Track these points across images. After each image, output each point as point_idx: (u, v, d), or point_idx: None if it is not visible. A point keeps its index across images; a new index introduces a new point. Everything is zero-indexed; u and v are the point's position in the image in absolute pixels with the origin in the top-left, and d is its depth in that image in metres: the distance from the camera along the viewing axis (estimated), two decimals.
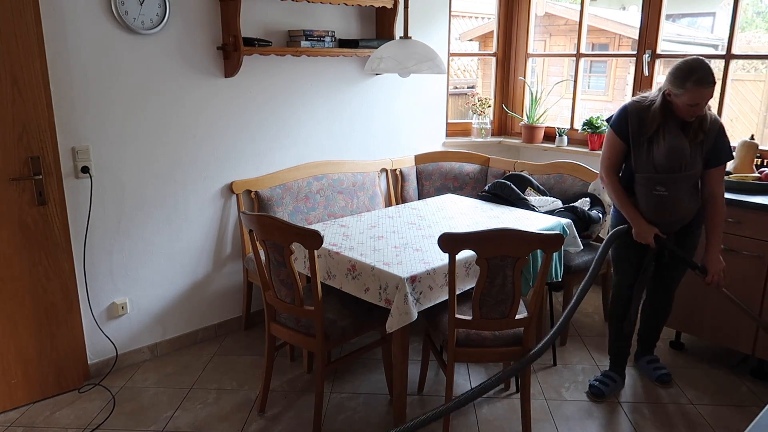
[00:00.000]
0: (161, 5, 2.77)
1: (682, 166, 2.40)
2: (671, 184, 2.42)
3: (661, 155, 2.40)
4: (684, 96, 2.29)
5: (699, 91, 2.26)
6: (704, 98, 2.29)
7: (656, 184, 2.44)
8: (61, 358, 2.74)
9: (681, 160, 2.40)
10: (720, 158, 2.45)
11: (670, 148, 2.39)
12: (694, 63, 2.29)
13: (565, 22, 8.91)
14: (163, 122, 2.93)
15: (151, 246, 3.01)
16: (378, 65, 2.80)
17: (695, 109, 2.33)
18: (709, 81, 2.26)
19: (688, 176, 2.43)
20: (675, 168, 2.40)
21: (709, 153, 2.43)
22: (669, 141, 2.39)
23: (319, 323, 2.33)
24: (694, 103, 2.29)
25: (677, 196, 2.44)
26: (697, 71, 2.26)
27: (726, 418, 2.61)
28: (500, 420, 2.59)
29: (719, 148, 2.43)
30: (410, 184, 3.97)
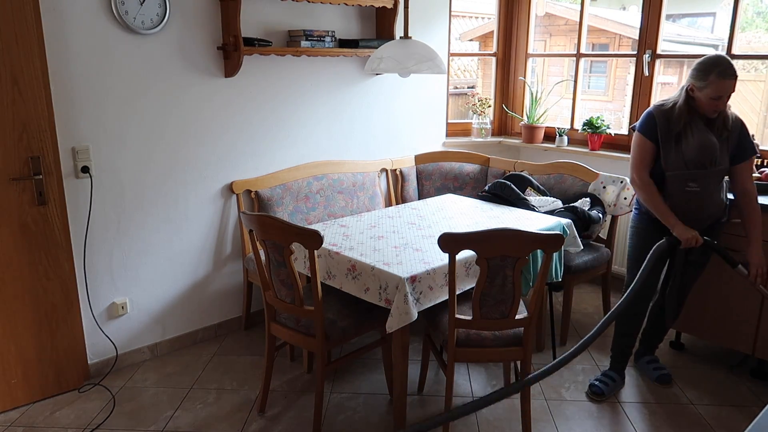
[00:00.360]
0: (161, 5, 2.77)
1: (713, 161, 2.44)
2: (703, 180, 2.46)
3: (691, 151, 2.43)
4: (707, 89, 2.36)
5: (722, 83, 2.33)
6: (727, 91, 2.35)
7: (688, 181, 2.47)
8: (61, 358, 2.74)
9: (712, 154, 2.44)
10: (746, 153, 2.50)
11: (700, 144, 2.43)
12: (716, 57, 2.37)
13: (566, 22, 8.91)
14: (163, 122, 2.93)
15: (151, 246, 3.01)
16: (378, 65, 2.80)
17: (718, 103, 2.38)
18: (731, 73, 2.33)
19: (719, 171, 2.48)
20: (706, 163, 2.44)
21: (734, 149, 2.49)
22: (698, 136, 2.44)
23: (319, 323, 2.33)
24: (717, 95, 2.35)
25: (709, 191, 2.49)
26: (719, 64, 2.34)
27: (726, 418, 2.61)
28: (500, 420, 2.59)
29: (743, 144, 2.49)
30: (410, 184, 3.97)
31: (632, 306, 2.73)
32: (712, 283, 2.93)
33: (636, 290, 2.27)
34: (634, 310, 2.75)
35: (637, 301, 2.73)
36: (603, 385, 2.76)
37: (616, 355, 2.84)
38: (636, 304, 2.73)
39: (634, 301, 2.71)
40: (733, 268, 2.50)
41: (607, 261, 3.40)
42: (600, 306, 3.72)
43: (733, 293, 2.86)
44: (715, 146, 2.44)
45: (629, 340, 2.80)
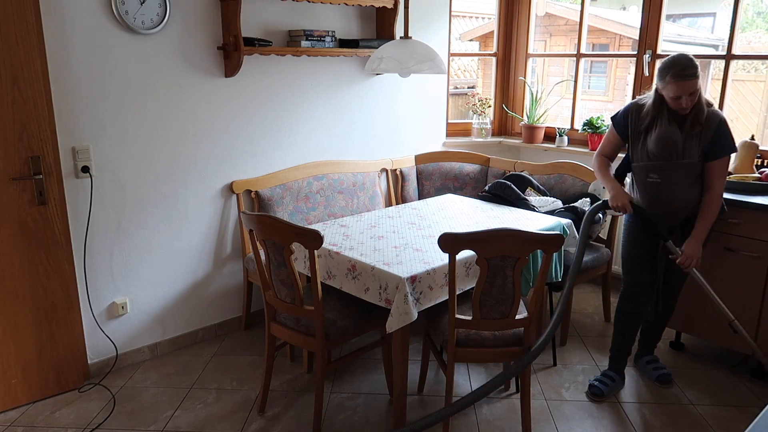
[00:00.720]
0: (161, 5, 2.77)
1: (674, 154, 2.48)
2: (664, 172, 2.52)
3: (652, 143, 2.51)
4: (665, 89, 2.42)
5: (677, 84, 2.36)
6: (684, 91, 2.37)
7: (649, 172, 2.56)
8: (61, 357, 2.74)
9: (671, 148, 2.48)
10: (718, 151, 2.48)
11: (659, 136, 2.49)
12: (675, 58, 2.40)
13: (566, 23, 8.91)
14: (163, 122, 2.93)
15: (151, 246, 3.01)
16: (378, 65, 2.80)
17: (681, 102, 2.40)
18: (686, 74, 2.34)
19: (683, 165, 2.49)
20: (666, 156, 2.49)
21: (707, 146, 2.48)
22: (661, 130, 2.49)
23: (319, 323, 2.33)
24: (676, 95, 2.39)
25: (671, 184, 2.53)
26: (676, 65, 2.36)
27: (726, 418, 2.61)
28: (500, 420, 2.59)
29: (718, 142, 2.47)
30: (410, 184, 3.97)
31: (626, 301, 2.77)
32: (712, 284, 2.93)
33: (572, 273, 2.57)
34: (630, 309, 2.76)
35: (631, 299, 2.75)
36: (602, 385, 2.76)
37: (615, 355, 2.85)
38: (630, 303, 2.75)
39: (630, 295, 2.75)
40: (663, 242, 2.60)
41: (607, 261, 3.40)
42: (600, 306, 3.72)
43: (734, 293, 2.86)
44: (676, 140, 2.47)
45: (627, 340, 2.80)
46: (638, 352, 3.03)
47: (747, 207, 2.76)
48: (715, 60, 3.41)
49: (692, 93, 2.38)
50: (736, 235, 2.82)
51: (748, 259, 2.79)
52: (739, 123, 6.37)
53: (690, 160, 2.49)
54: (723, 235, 2.85)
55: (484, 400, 2.74)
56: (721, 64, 3.47)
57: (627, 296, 2.78)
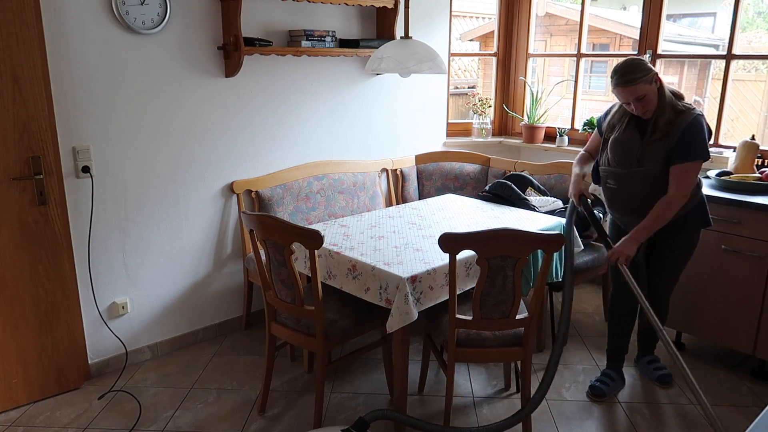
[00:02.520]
0: (162, 5, 2.77)
1: (629, 162, 2.43)
2: (620, 179, 2.48)
3: (609, 148, 2.50)
4: (615, 96, 2.40)
5: (620, 90, 2.33)
6: (627, 97, 2.33)
7: (607, 178, 2.55)
8: (61, 357, 2.75)
9: (626, 154, 2.43)
10: (678, 156, 2.34)
11: (614, 141, 2.48)
12: (619, 64, 2.35)
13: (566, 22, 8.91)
14: (163, 122, 2.93)
15: (151, 246, 3.02)
16: (379, 65, 2.80)
17: (633, 108, 2.37)
18: (624, 81, 2.29)
19: (640, 173, 2.42)
20: (622, 163, 2.45)
21: (671, 149, 2.36)
22: (619, 135, 2.47)
23: (320, 323, 2.33)
24: (622, 101, 2.39)
25: (627, 192, 2.49)
26: (615, 72, 2.33)
27: (726, 418, 2.60)
28: (500, 420, 2.59)
29: (679, 148, 2.34)
30: (411, 184, 3.97)
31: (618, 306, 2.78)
32: (712, 283, 2.93)
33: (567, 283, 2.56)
34: (620, 309, 2.78)
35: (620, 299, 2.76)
36: (603, 385, 2.76)
37: (611, 354, 2.86)
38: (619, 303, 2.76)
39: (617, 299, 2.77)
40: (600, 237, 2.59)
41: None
42: (600, 306, 3.72)
43: (734, 293, 2.86)
44: (632, 146, 2.41)
45: (621, 339, 2.82)
46: (638, 354, 3.03)
47: (747, 207, 2.76)
48: (716, 60, 3.40)
49: (639, 98, 2.31)
50: (736, 235, 2.81)
51: (749, 259, 2.79)
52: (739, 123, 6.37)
53: (649, 167, 2.39)
54: (723, 235, 2.85)
55: (483, 400, 2.74)
56: (722, 64, 3.47)
57: (616, 296, 2.79)
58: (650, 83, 2.31)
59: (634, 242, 2.44)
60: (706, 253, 2.91)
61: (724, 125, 3.54)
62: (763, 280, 2.76)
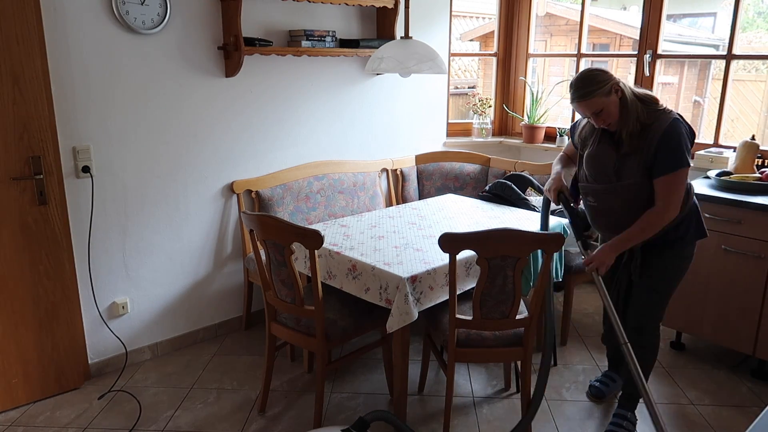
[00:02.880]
0: (162, 5, 2.77)
1: (607, 176, 2.27)
2: (600, 195, 2.33)
3: (585, 164, 2.37)
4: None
5: (575, 105, 2.23)
6: (585, 110, 2.21)
7: (587, 194, 2.40)
8: (61, 357, 2.75)
9: (602, 169, 2.28)
10: (658, 170, 2.17)
11: (589, 156, 2.34)
12: (575, 77, 2.23)
13: (566, 22, 8.90)
14: (164, 122, 2.93)
15: (151, 246, 3.02)
16: (379, 65, 2.80)
17: (594, 121, 2.23)
18: (580, 96, 2.17)
19: (620, 187, 2.24)
20: (599, 178, 2.30)
21: (649, 160, 2.18)
22: (593, 149, 2.33)
23: (320, 323, 2.33)
24: (582, 116, 2.29)
25: (608, 208, 2.32)
26: (572, 86, 2.21)
27: (726, 418, 2.61)
28: (500, 420, 2.59)
29: (660, 155, 2.15)
30: (411, 184, 3.97)
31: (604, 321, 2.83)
32: (712, 283, 2.93)
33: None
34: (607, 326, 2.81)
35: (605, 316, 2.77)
36: (603, 386, 2.76)
37: (611, 356, 2.84)
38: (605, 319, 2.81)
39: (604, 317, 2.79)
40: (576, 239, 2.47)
41: None
42: (600, 306, 3.72)
43: (734, 293, 2.86)
44: (607, 160, 2.25)
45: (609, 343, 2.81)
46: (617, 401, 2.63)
47: (747, 207, 2.76)
48: (716, 60, 3.40)
49: (596, 112, 2.18)
50: (736, 235, 2.81)
51: (749, 258, 2.79)
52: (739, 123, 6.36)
53: (628, 181, 2.22)
54: (723, 235, 2.85)
55: (483, 400, 2.74)
56: (722, 64, 3.46)
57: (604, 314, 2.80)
58: (608, 95, 2.15)
59: (613, 251, 2.28)
60: (706, 253, 2.91)
61: (724, 125, 3.54)
62: (763, 280, 2.76)
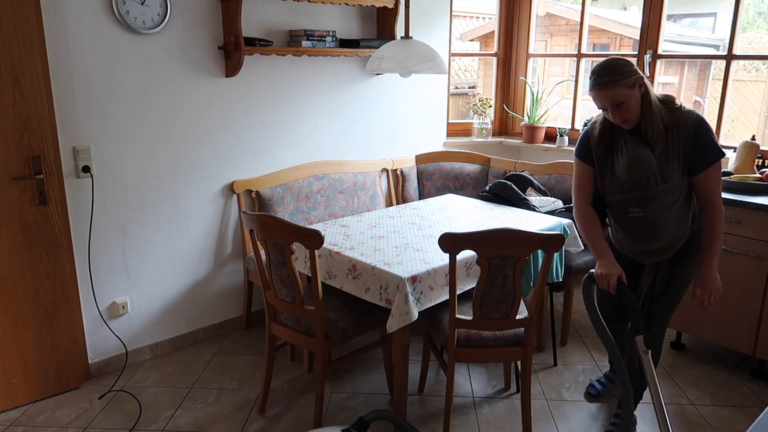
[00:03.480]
0: (162, 5, 2.77)
1: (651, 179, 2.08)
2: (646, 203, 2.11)
3: (622, 170, 2.12)
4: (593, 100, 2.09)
5: (596, 94, 2.03)
6: (604, 102, 2.03)
7: (629, 206, 2.14)
8: (61, 357, 2.75)
9: (646, 172, 2.08)
10: (705, 160, 2.05)
11: (629, 161, 2.10)
12: (598, 64, 2.05)
13: (566, 23, 8.91)
14: (164, 122, 2.93)
15: (151, 245, 3.02)
16: (379, 65, 2.80)
17: (611, 115, 2.06)
18: (601, 83, 2.00)
19: (665, 190, 2.08)
20: (643, 183, 2.09)
21: (689, 158, 2.06)
22: (627, 153, 2.11)
23: (320, 323, 2.33)
24: (600, 107, 2.08)
25: (658, 215, 2.12)
26: (593, 74, 2.03)
27: (726, 418, 2.60)
28: (500, 420, 2.59)
29: (701, 150, 2.04)
30: (411, 184, 3.97)
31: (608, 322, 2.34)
32: None
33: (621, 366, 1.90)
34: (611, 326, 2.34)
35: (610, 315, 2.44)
36: (600, 386, 2.76)
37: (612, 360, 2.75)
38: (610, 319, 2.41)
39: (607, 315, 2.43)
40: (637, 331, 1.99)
41: None
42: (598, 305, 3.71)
43: (734, 293, 2.86)
44: (649, 162, 2.06)
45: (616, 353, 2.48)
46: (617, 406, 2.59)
47: (747, 207, 2.76)
48: (716, 60, 3.40)
49: (617, 104, 2.01)
50: (736, 235, 2.81)
51: (749, 259, 2.79)
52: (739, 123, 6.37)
53: (672, 181, 2.07)
54: (723, 235, 2.84)
55: (484, 400, 2.74)
56: (722, 65, 3.47)
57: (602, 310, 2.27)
58: (632, 87, 2.00)
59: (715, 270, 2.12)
60: None
61: (725, 125, 3.54)
62: (763, 280, 2.76)
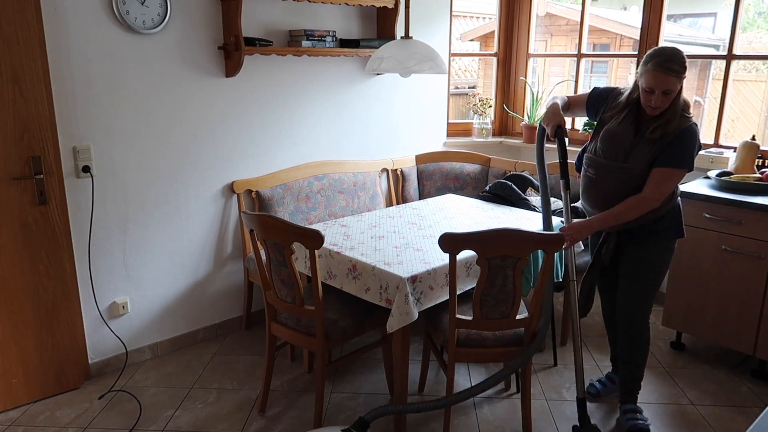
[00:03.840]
0: (162, 5, 2.78)
1: (615, 155, 2.30)
2: (602, 171, 2.35)
3: (602, 137, 2.36)
4: (642, 77, 2.19)
5: (655, 74, 2.13)
6: (660, 85, 2.13)
7: (589, 166, 2.42)
8: (61, 357, 2.75)
9: (615, 148, 2.30)
10: (662, 160, 2.23)
11: (607, 131, 2.34)
12: (665, 48, 2.18)
13: (566, 23, 8.91)
14: (164, 122, 2.93)
15: (152, 245, 3.02)
16: (379, 65, 2.80)
17: (651, 98, 2.18)
18: (669, 68, 2.10)
19: (622, 169, 2.29)
20: (608, 155, 2.32)
21: (658, 154, 2.24)
22: (614, 125, 2.32)
23: (320, 323, 2.33)
24: (650, 88, 2.16)
25: (606, 185, 2.36)
26: (661, 55, 2.13)
27: (726, 418, 2.60)
28: (500, 420, 2.59)
29: (668, 151, 2.22)
30: (411, 184, 3.97)
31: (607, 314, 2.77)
32: (712, 283, 2.93)
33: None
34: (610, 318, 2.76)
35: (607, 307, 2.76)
36: (600, 386, 2.76)
37: (614, 361, 2.81)
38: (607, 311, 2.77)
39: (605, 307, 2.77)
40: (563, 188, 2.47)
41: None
42: (599, 305, 3.71)
43: (734, 293, 2.86)
44: (623, 140, 2.28)
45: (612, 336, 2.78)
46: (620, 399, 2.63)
47: (747, 207, 2.76)
48: (716, 60, 3.40)
49: (667, 92, 2.15)
50: (736, 235, 2.81)
51: (749, 259, 2.79)
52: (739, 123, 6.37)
53: (632, 166, 2.27)
54: (723, 235, 2.85)
55: (484, 400, 2.74)
56: (722, 65, 3.46)
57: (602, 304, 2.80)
58: (681, 82, 2.17)
59: (587, 229, 2.38)
60: (706, 253, 2.91)
61: (725, 125, 3.54)
62: (763, 280, 2.76)
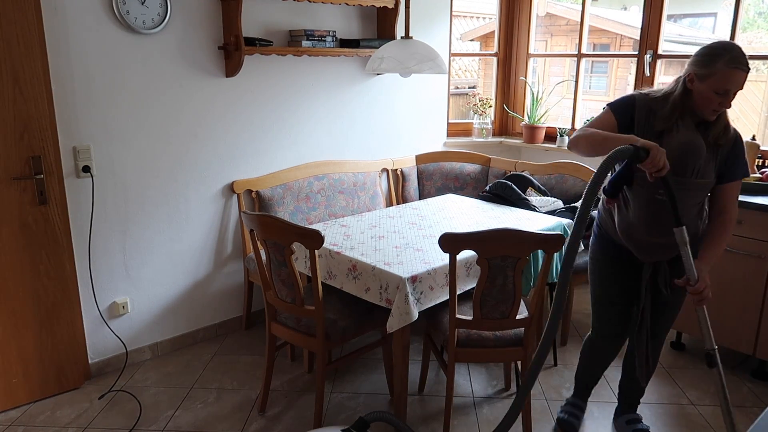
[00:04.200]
0: (162, 5, 2.77)
1: (695, 170, 1.94)
2: (678, 191, 1.91)
3: (672, 152, 1.87)
4: (711, 79, 1.86)
5: (730, 73, 1.83)
6: (735, 84, 1.85)
7: (660, 188, 1.92)
8: (61, 357, 2.75)
9: (695, 160, 1.93)
10: (736, 172, 2.01)
11: (685, 145, 1.92)
12: (727, 43, 1.89)
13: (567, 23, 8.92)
14: (164, 122, 2.93)
15: (152, 245, 3.02)
16: (379, 65, 2.80)
17: (723, 100, 1.88)
18: (743, 63, 1.85)
19: (700, 186, 1.98)
20: (686, 170, 1.94)
21: (723, 165, 1.99)
22: (684, 135, 1.93)
23: (320, 323, 2.33)
24: (723, 89, 1.85)
25: (683, 207, 1.95)
26: (730, 50, 1.85)
27: None
28: (500, 419, 2.59)
29: (736, 161, 1.99)
30: (411, 184, 3.97)
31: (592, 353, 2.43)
32: (713, 283, 2.91)
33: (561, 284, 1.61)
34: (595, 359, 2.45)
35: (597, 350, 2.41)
36: (574, 419, 2.52)
37: (579, 385, 2.58)
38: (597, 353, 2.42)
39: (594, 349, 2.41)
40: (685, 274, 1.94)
41: None
42: None
43: (734, 293, 2.86)
44: (700, 152, 1.93)
45: (591, 377, 2.53)
46: (618, 410, 2.55)
47: (748, 207, 2.76)
48: None
49: (736, 91, 1.89)
50: (736, 235, 2.81)
51: (749, 259, 2.79)
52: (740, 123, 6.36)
53: (708, 180, 1.98)
54: None
55: (483, 400, 2.74)
56: None
57: (593, 345, 2.41)
58: None
59: (707, 274, 1.99)
60: None
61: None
62: (763, 280, 2.76)
